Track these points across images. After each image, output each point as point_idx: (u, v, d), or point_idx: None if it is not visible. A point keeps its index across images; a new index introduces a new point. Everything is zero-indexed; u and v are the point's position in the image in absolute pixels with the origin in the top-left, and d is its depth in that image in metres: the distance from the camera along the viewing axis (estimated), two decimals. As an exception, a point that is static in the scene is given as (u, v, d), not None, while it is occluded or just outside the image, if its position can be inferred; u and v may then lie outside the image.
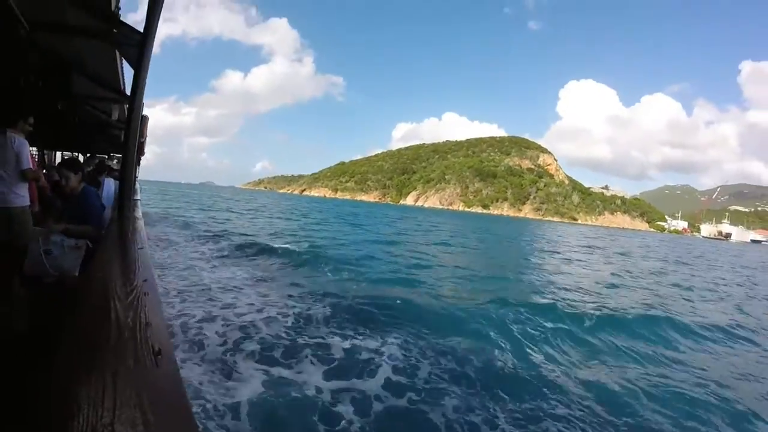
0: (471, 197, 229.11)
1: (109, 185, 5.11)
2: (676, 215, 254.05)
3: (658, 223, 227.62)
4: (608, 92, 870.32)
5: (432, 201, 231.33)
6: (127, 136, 3.16)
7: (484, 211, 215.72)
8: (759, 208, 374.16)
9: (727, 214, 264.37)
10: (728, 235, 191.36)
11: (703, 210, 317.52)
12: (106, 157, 12.65)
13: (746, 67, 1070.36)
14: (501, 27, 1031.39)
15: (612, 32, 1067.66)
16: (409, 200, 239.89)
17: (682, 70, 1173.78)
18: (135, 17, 3.45)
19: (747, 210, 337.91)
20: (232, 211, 30.98)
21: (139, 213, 4.60)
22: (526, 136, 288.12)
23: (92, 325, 1.19)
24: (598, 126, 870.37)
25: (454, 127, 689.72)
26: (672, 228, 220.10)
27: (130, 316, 1.15)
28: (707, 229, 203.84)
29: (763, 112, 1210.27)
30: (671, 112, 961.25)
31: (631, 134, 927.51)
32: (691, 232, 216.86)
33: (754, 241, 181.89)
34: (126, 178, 3.41)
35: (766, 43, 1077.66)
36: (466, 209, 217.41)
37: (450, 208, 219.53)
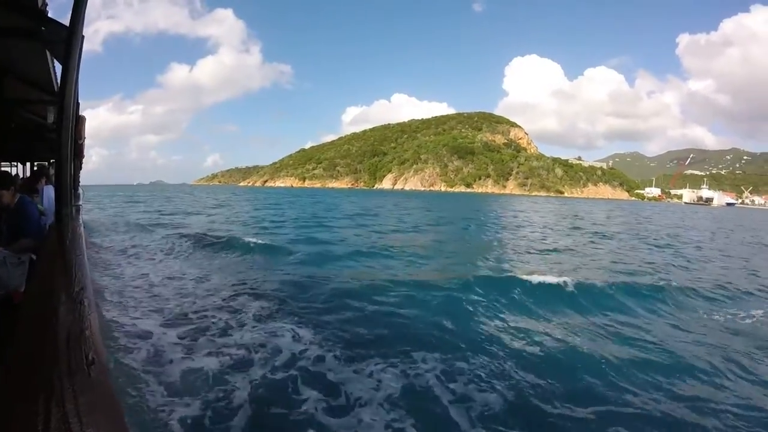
0: (452, 176, 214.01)
1: (50, 192, 5.10)
2: (636, 181, 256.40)
3: (638, 191, 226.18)
4: (552, 66, 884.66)
5: (412, 183, 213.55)
6: (59, 137, 2.83)
7: (468, 189, 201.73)
8: (713, 171, 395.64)
9: (705, 179, 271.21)
10: (709, 200, 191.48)
11: (660, 176, 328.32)
12: (47, 164, 11.14)
13: (684, 39, 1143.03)
14: (445, 9, 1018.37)
15: (553, 6, 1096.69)
16: (386, 184, 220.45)
17: (622, 43, 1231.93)
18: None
19: (702, 173, 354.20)
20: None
21: (79, 219, 4.63)
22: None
23: (30, 340, 1.14)
24: (545, 100, 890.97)
25: (404, 107, 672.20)
26: (650, 195, 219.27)
27: (65, 327, 1.10)
28: (689, 196, 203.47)
29: (702, 81, 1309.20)
30: (614, 84, 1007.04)
31: (577, 106, 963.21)
32: (665, 198, 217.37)
33: (729, 204, 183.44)
34: (62, 183, 3.11)
35: (702, 16, 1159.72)
36: (449, 189, 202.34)
37: (432, 189, 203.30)
